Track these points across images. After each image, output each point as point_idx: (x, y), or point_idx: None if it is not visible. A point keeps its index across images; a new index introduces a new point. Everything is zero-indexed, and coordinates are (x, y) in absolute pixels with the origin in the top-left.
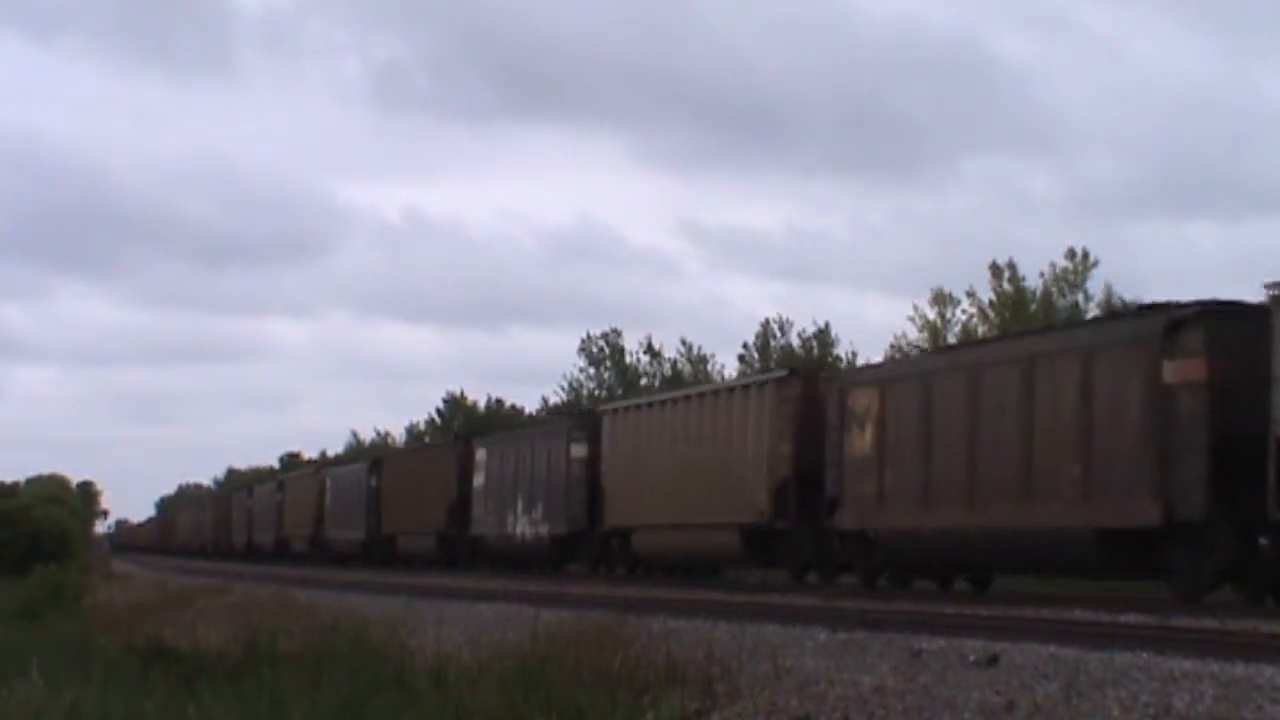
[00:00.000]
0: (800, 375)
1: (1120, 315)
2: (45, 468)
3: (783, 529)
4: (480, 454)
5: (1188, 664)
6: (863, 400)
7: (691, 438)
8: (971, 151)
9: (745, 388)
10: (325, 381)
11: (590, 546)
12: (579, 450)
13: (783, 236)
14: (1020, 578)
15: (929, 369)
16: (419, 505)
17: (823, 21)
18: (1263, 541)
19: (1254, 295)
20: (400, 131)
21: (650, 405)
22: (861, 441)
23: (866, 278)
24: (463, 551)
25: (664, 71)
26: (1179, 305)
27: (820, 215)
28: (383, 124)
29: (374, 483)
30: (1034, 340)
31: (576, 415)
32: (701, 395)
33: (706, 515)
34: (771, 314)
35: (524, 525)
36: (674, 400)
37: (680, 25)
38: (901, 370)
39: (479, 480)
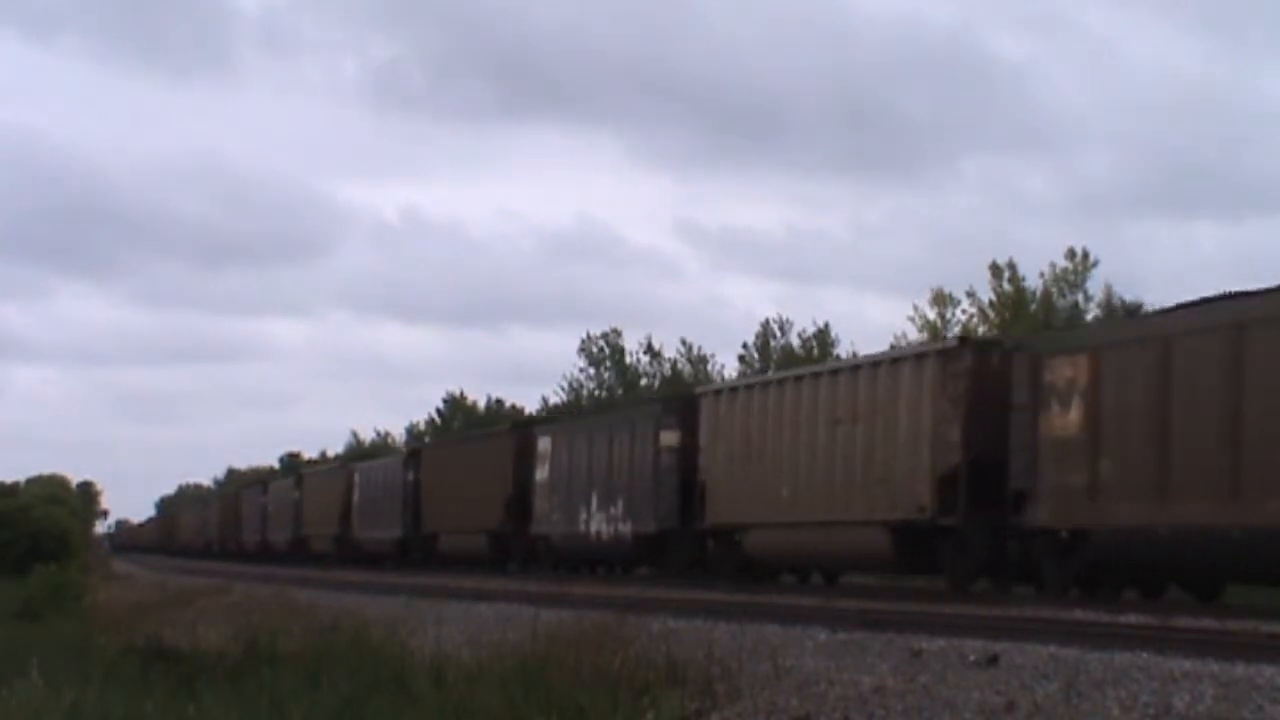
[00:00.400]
0: (972, 345)
1: None
2: (45, 468)
3: (948, 527)
4: (544, 443)
5: (1188, 664)
6: (1065, 370)
7: (825, 421)
8: (970, 151)
9: (897, 361)
10: (325, 381)
11: (684, 547)
12: (670, 438)
13: (781, 236)
14: (1258, 589)
15: (1167, 330)
16: (468, 501)
17: (821, 21)
18: None
19: None
20: (398, 131)
21: (767, 385)
22: (1063, 421)
23: (865, 278)
24: (520, 551)
25: (662, 71)
26: None
27: (819, 215)
28: (381, 124)
29: (412, 477)
30: None
31: (667, 398)
32: (835, 372)
33: (845, 512)
34: (770, 314)
35: (600, 523)
36: (800, 378)
37: (679, 25)
38: (1123, 333)
39: (542, 473)
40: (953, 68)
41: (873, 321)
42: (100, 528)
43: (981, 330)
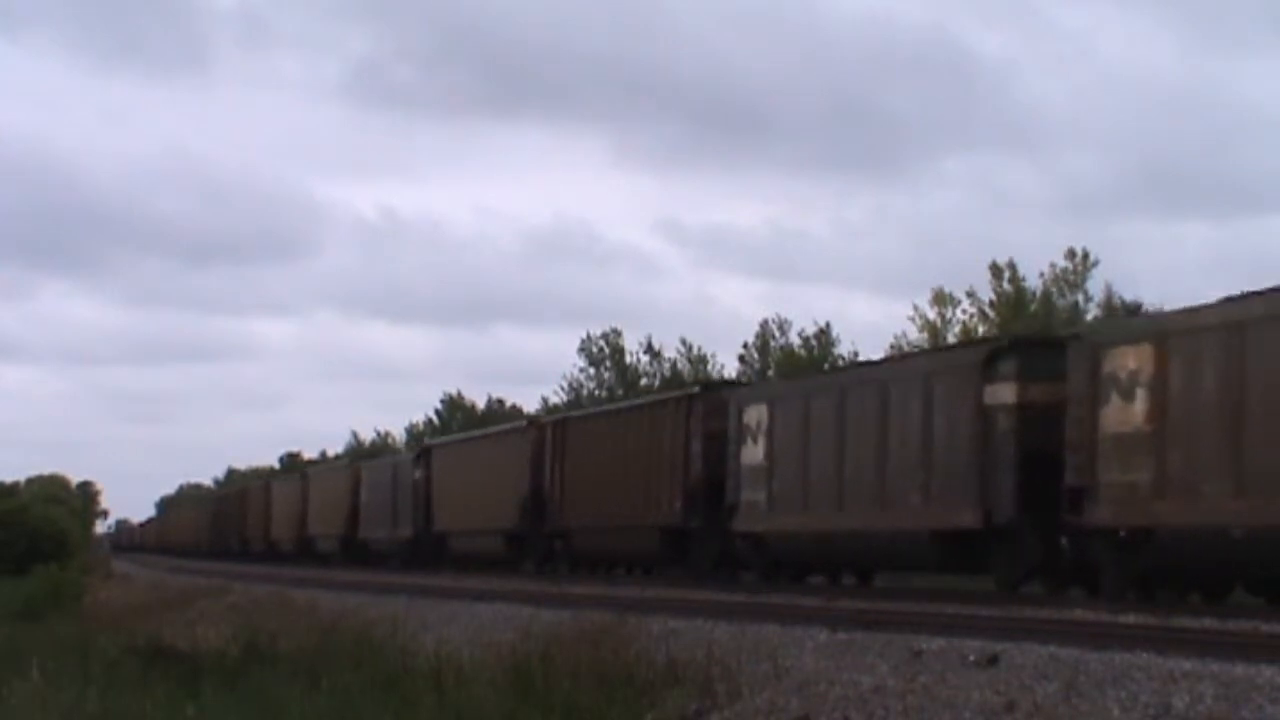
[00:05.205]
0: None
1: None
2: (45, 468)
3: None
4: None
5: (1188, 664)
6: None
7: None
8: (952, 149)
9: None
10: (317, 382)
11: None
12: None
13: (765, 235)
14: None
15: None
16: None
17: (800, 19)
18: None
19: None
20: (378, 128)
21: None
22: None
23: (849, 276)
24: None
25: (644, 70)
26: None
27: (802, 214)
28: (361, 121)
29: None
30: None
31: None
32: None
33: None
34: (756, 313)
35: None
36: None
37: (660, 24)
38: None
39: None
40: (931, 65)
41: (859, 320)
42: (100, 528)
43: (981, 331)
